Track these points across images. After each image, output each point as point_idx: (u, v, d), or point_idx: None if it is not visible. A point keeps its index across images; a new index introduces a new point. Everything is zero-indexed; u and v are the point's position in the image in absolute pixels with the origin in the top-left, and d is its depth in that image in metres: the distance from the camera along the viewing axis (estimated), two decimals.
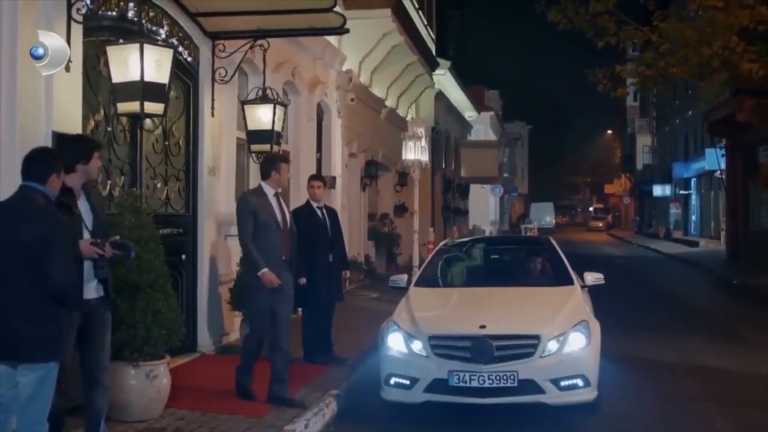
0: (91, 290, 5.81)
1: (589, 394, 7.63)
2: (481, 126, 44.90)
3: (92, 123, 8.07)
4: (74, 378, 6.05)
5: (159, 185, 9.45)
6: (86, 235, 5.69)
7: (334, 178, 16.15)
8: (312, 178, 10.45)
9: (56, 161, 5.32)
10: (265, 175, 8.04)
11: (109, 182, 8.30)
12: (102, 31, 8.07)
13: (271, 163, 8.07)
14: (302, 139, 14.54)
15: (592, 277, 9.31)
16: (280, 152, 8.63)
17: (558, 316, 8.03)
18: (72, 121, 7.34)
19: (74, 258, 5.38)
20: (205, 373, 9.07)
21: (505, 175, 55.21)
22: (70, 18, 7.27)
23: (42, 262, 4.84)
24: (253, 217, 7.79)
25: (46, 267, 4.85)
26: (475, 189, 40.86)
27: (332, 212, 10.34)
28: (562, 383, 7.50)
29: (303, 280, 9.41)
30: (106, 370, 6.08)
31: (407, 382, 7.74)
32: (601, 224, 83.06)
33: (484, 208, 46.56)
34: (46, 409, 5.14)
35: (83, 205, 5.80)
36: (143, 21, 8.49)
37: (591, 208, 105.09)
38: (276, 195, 8.02)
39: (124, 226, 7.06)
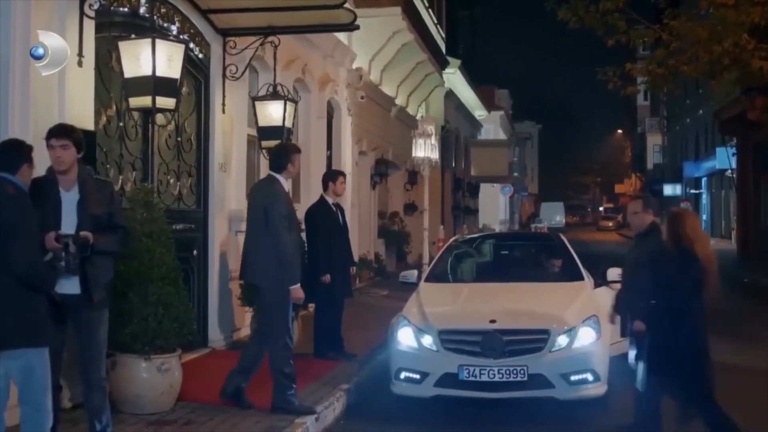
0: (65, 286, 5.57)
1: (598, 389, 7.65)
2: (491, 125, 44.87)
3: (104, 118, 8.11)
4: (75, 375, 6.06)
5: (171, 181, 9.49)
6: (64, 226, 5.55)
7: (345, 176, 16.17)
8: (339, 173, 10.52)
9: (27, 151, 5.37)
10: (280, 167, 7.47)
11: (121, 177, 8.34)
12: (114, 27, 8.11)
13: (287, 154, 7.57)
14: (312, 136, 14.58)
15: (616, 273, 9.13)
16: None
17: (568, 311, 8.05)
18: (84, 116, 7.38)
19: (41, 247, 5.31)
20: (215, 368, 9.08)
21: (515, 174, 55.14)
22: (82, 14, 7.33)
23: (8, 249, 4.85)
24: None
25: (8, 250, 4.84)
26: (485, 188, 40.81)
27: (342, 209, 10.41)
28: (572, 378, 7.53)
29: (327, 278, 9.48)
30: (97, 370, 5.88)
31: (417, 377, 7.77)
32: (611, 224, 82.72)
33: (494, 207, 46.51)
34: (44, 395, 5.12)
35: (71, 197, 5.67)
36: (155, 17, 8.54)
37: (601, 208, 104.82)
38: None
39: (136, 220, 7.11)
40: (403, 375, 7.88)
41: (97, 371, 5.88)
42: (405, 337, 7.99)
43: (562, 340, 7.61)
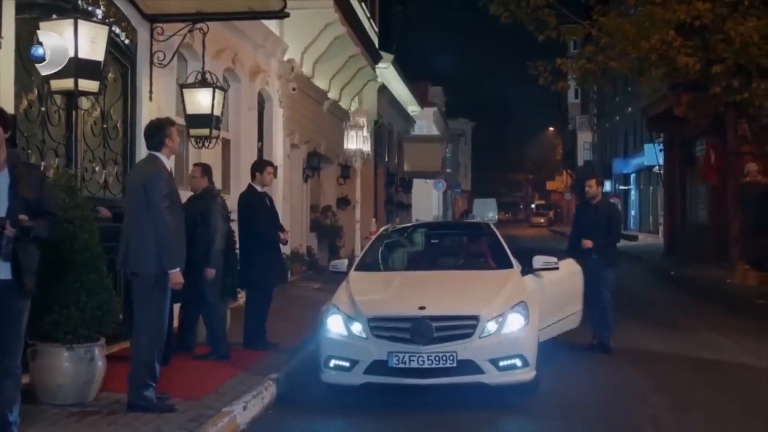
0: None
1: (527, 374, 7.70)
2: (425, 122, 44.99)
3: (25, 102, 7.90)
4: None
5: (97, 169, 9.29)
6: None
7: (275, 168, 16.01)
8: (266, 164, 10.41)
9: None
10: (158, 145, 6.90)
11: (43, 163, 8.12)
12: (35, 9, 7.90)
13: (161, 130, 6.96)
14: (243, 127, 14.42)
15: (542, 261, 9.21)
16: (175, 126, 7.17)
17: (497, 298, 8.08)
18: (4, 100, 7.16)
19: None
20: None
21: (448, 170, 55.43)
22: None
23: None
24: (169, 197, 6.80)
25: None
26: (418, 184, 40.98)
27: (270, 197, 10.32)
28: (501, 363, 7.55)
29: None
30: (15, 357, 5.65)
31: (347, 364, 7.72)
32: (542, 220, 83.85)
33: (427, 202, 46.66)
34: None
35: (1, 180, 5.44)
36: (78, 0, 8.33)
37: (533, 205, 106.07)
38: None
39: (58, 206, 6.90)
40: (332, 363, 7.83)
41: (15, 359, 5.65)
42: (334, 325, 7.93)
43: (491, 326, 7.63)
